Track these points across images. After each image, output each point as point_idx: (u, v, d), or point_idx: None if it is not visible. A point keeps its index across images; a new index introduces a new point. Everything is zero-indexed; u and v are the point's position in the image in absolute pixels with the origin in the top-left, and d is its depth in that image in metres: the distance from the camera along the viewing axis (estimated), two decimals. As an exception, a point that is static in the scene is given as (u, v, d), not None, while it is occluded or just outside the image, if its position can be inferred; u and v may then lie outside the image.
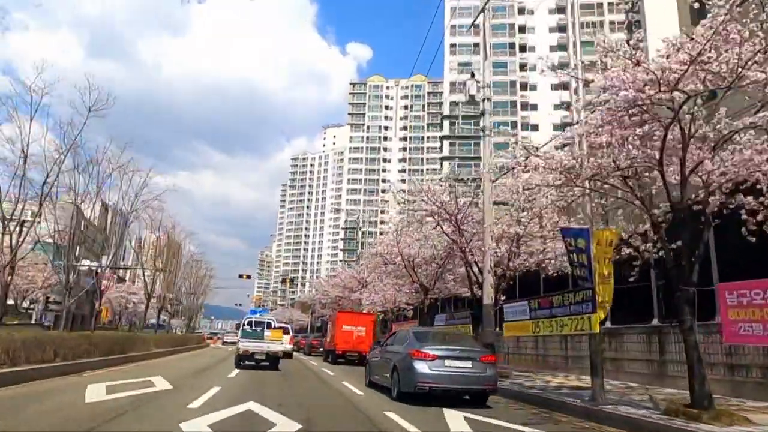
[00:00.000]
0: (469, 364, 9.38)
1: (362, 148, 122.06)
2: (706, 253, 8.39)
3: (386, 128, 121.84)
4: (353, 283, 33.68)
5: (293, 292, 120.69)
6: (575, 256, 9.28)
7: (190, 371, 14.13)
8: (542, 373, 15.79)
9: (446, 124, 68.56)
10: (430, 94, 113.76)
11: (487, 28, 15.44)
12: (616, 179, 8.70)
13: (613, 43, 6.48)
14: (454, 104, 66.65)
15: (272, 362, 16.52)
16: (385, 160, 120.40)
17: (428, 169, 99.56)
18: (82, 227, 34.08)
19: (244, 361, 16.33)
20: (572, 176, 8.60)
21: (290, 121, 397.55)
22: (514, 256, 14.44)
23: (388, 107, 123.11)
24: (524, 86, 64.83)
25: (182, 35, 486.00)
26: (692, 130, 7.32)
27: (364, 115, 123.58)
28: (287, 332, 27.47)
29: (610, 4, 62.37)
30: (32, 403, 6.96)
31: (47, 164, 17.29)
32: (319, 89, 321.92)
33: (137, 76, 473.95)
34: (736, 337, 7.23)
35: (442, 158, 67.80)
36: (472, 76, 15.38)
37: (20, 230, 16.88)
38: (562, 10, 65.89)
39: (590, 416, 8.05)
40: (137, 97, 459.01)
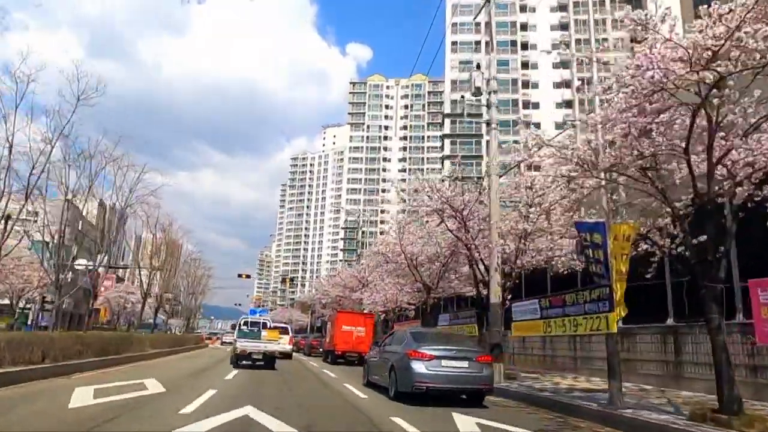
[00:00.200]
0: (465, 364, 9.43)
1: (362, 147, 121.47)
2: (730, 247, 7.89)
3: (386, 128, 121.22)
4: (354, 282, 33.19)
5: (293, 292, 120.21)
6: (591, 251, 8.80)
7: (186, 373, 13.63)
8: (550, 374, 15.30)
9: (447, 122, 68.05)
10: (430, 93, 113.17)
11: (492, 17, 14.95)
12: (635, 170, 8.22)
13: (643, 15, 5.97)
14: (454, 103, 66.22)
15: (269, 362, 16.62)
16: (385, 159, 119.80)
17: (429, 168, 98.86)
18: (79, 226, 33.61)
19: (241, 360, 16.36)
20: (589, 167, 8.11)
21: (290, 121, 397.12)
22: (521, 253, 13.96)
23: (388, 107, 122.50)
24: (526, 84, 64.33)
25: (182, 35, 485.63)
26: (719, 115, 6.84)
27: (364, 114, 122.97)
28: (287, 332, 27.01)
29: (612, 1, 61.85)
30: (8, 408, 6.44)
31: (32, 154, 16.52)
32: (319, 89, 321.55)
33: (137, 76, 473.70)
34: (770, 337, 6.73)
35: (443, 157, 67.27)
36: (477, 67, 14.94)
37: (5, 225, 16.26)
38: (563, 7, 65.39)
39: (609, 421, 7.56)
40: (137, 97, 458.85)
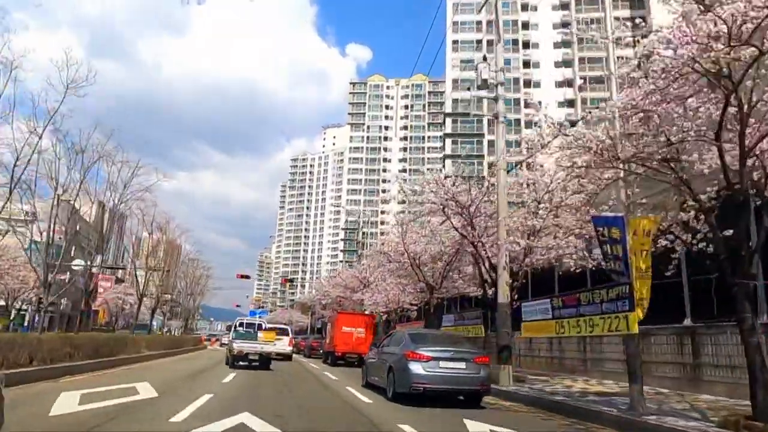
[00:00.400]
0: (463, 365, 9.48)
1: (362, 147, 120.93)
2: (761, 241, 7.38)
3: (386, 128, 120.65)
4: (355, 282, 32.65)
5: (293, 293, 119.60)
6: (608, 247, 8.29)
7: (181, 375, 13.09)
8: (559, 376, 14.79)
9: (449, 121, 67.52)
10: (431, 93, 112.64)
11: (498, 7, 14.46)
12: (656, 161, 7.70)
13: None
14: (455, 102, 65.76)
15: (265, 362, 16.85)
16: (385, 160, 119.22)
17: (429, 169, 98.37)
18: (77, 227, 33.11)
19: (237, 361, 16.54)
20: (609, 157, 7.59)
21: (290, 121, 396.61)
22: (529, 251, 13.44)
23: (388, 107, 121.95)
24: (528, 83, 63.81)
25: (182, 35, 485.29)
26: (752, 99, 6.34)
27: (364, 114, 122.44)
28: (286, 333, 26.55)
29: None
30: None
31: (16, 144, 15.58)
32: (319, 90, 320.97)
33: (138, 76, 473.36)
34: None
35: (444, 156, 66.74)
36: (484, 59, 14.42)
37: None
38: (565, 6, 64.92)
39: (632, 428, 7.06)
40: (137, 97, 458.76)
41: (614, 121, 8.29)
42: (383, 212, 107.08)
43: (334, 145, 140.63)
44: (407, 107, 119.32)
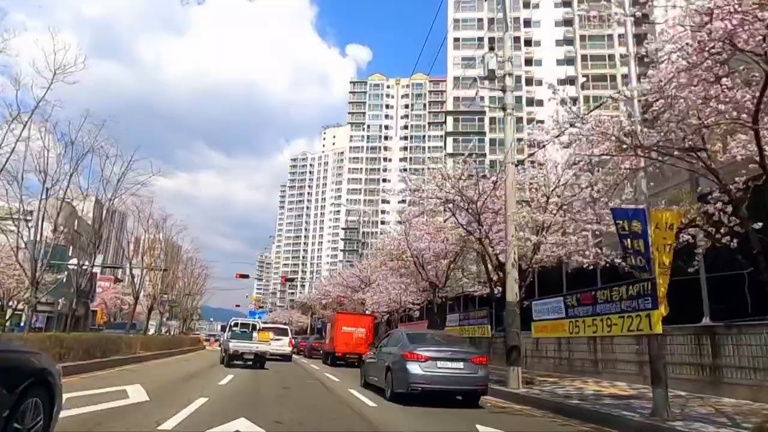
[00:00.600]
0: (461, 365, 9.47)
1: (362, 147, 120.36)
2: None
3: (387, 127, 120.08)
4: (356, 282, 32.15)
5: (293, 293, 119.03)
6: (629, 241, 7.78)
7: (175, 378, 12.55)
8: (568, 378, 14.27)
9: (450, 120, 66.97)
10: (431, 92, 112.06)
11: (507, -4, 13.95)
12: (679, 149, 7.21)
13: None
14: (456, 100, 65.25)
15: (260, 362, 17.02)
16: (385, 159, 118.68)
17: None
18: (75, 225, 32.54)
19: (233, 360, 16.73)
20: (631, 144, 7.10)
21: (290, 121, 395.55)
22: (538, 248, 12.93)
23: (388, 106, 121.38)
24: (529, 81, 63.20)
25: (182, 36, 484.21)
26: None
27: (364, 114, 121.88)
28: (286, 334, 26.13)
29: (616, -2, 60.79)
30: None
31: None
32: (319, 90, 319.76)
33: (138, 76, 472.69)
34: None
35: (445, 155, 66.20)
36: (491, 49, 13.97)
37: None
38: (568, 3, 64.41)
39: (657, 435, 6.56)
40: (137, 97, 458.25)
41: (634, 107, 7.82)
42: (384, 212, 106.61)
43: (334, 144, 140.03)
44: (408, 106, 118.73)
